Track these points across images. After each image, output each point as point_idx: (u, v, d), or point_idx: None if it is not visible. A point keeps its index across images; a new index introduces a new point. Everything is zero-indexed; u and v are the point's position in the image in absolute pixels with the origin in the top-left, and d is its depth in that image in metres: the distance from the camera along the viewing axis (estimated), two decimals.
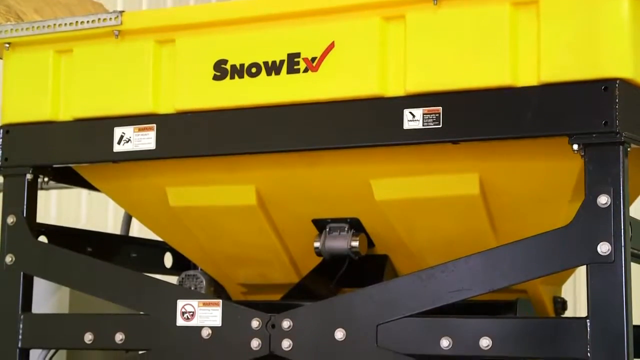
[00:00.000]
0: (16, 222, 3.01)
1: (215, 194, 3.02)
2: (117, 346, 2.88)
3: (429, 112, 2.56)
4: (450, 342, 2.51)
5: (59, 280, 3.07)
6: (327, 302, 2.70)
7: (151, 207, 3.18)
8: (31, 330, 2.98)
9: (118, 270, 2.97)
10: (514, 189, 2.73)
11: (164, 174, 3.04)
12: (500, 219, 2.84)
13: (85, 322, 2.95)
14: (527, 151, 2.60)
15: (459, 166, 2.71)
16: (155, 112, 2.89)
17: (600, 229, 2.37)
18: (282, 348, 2.69)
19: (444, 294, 2.53)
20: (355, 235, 3.01)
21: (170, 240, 3.43)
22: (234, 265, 3.36)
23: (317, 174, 2.88)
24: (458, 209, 2.81)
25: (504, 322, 2.51)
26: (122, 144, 2.91)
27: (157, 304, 2.85)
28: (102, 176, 3.15)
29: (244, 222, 3.08)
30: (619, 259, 2.34)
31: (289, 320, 2.69)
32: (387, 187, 2.83)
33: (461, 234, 2.90)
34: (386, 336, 2.57)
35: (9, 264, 3.00)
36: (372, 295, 2.62)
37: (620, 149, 2.38)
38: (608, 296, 2.34)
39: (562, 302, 3.32)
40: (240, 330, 2.74)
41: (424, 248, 3.02)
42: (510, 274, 2.48)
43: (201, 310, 2.79)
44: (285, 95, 2.73)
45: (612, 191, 2.37)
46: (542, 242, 2.44)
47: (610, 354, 2.32)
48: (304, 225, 3.07)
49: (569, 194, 2.67)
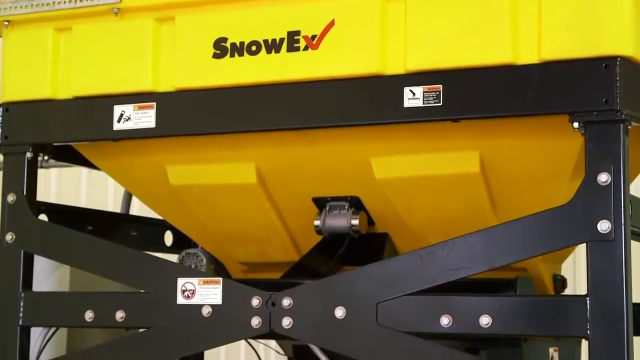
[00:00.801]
0: (16, 200, 3.01)
1: (216, 172, 3.02)
2: (117, 324, 2.89)
3: (429, 90, 2.56)
4: (450, 320, 2.52)
5: (59, 258, 3.08)
6: (327, 280, 2.71)
7: (151, 186, 3.18)
8: (32, 308, 2.98)
9: (118, 249, 2.97)
10: (514, 167, 2.73)
11: (164, 152, 3.04)
12: (500, 197, 2.84)
13: (85, 300, 2.96)
14: (527, 129, 2.60)
15: (459, 144, 2.71)
16: (155, 90, 2.89)
17: (600, 207, 2.37)
18: (283, 326, 2.69)
19: (444, 272, 2.54)
20: (356, 214, 3.01)
21: (171, 218, 3.43)
22: (235, 244, 3.37)
23: (317, 152, 2.88)
24: (458, 187, 2.81)
25: (504, 300, 2.52)
26: (122, 122, 2.91)
27: (157, 282, 2.86)
28: (102, 154, 3.15)
29: (244, 200, 3.08)
30: (618, 237, 2.35)
31: (289, 299, 2.69)
32: (387, 165, 2.83)
33: (461, 212, 2.90)
34: (386, 314, 2.58)
35: (9, 242, 3.01)
36: (372, 273, 2.62)
37: (621, 126, 2.38)
38: (608, 274, 2.34)
39: (561, 280, 3.33)
40: (240, 309, 2.74)
41: (424, 226, 3.03)
42: (510, 252, 2.48)
43: (201, 289, 2.79)
44: (285, 74, 2.73)
45: (612, 169, 2.37)
46: (542, 220, 2.44)
47: (610, 332, 2.33)
48: (304, 204, 3.07)
49: (569, 172, 2.67)
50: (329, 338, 2.66)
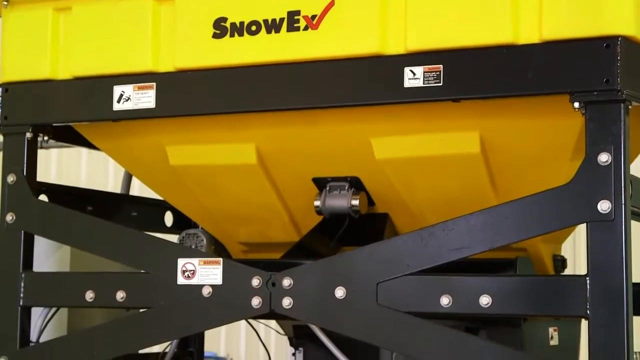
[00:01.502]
0: (16, 180, 3.01)
1: (216, 152, 3.02)
2: (117, 304, 2.89)
3: (430, 70, 2.55)
4: (450, 300, 2.52)
5: (59, 238, 3.08)
6: (328, 261, 2.71)
7: (151, 166, 3.18)
8: (32, 289, 2.99)
9: (119, 229, 2.98)
10: (515, 147, 2.73)
11: (164, 133, 3.03)
12: (500, 178, 2.84)
13: (86, 280, 2.96)
14: (528, 109, 2.59)
15: (459, 124, 2.70)
16: (155, 70, 2.88)
17: (600, 187, 2.37)
18: (283, 306, 2.70)
19: (444, 252, 2.54)
20: (356, 194, 3.01)
21: (171, 199, 3.43)
22: (235, 224, 3.37)
23: (317, 132, 2.87)
24: (458, 168, 2.81)
25: (504, 280, 2.52)
26: (121, 102, 2.90)
27: (157, 262, 2.86)
28: (102, 135, 3.14)
29: (244, 180, 3.08)
30: (619, 217, 2.35)
31: (289, 279, 2.70)
32: (388, 145, 2.83)
33: (461, 193, 2.90)
34: (386, 294, 2.58)
35: (9, 222, 3.01)
36: (373, 253, 2.63)
37: (622, 106, 2.38)
38: (608, 254, 2.34)
39: (561, 260, 3.33)
40: (240, 289, 2.74)
41: (424, 206, 3.03)
42: (510, 232, 2.48)
43: (202, 269, 2.80)
44: (285, 54, 2.72)
45: (612, 149, 2.37)
46: (543, 200, 2.44)
47: (610, 312, 2.33)
48: (304, 184, 3.07)
49: (569, 152, 2.66)
50: (329, 318, 2.67)
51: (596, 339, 2.34)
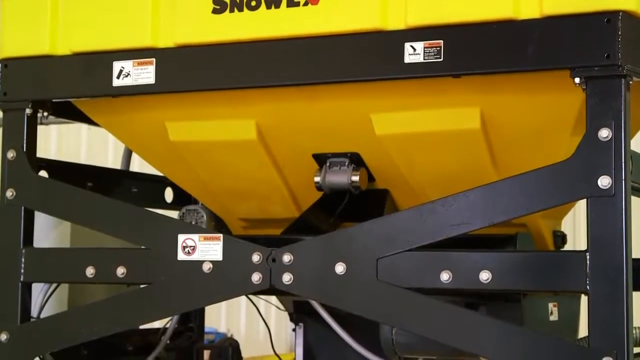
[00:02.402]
0: (16, 156, 3.01)
1: (216, 128, 3.02)
2: (118, 280, 2.90)
3: (430, 45, 2.55)
4: (450, 276, 2.52)
5: (59, 214, 3.08)
6: (328, 237, 2.71)
7: (151, 142, 3.18)
8: (33, 265, 2.99)
9: (119, 205, 2.98)
10: (515, 123, 2.72)
11: (163, 109, 3.03)
12: (501, 153, 2.84)
13: (86, 256, 2.96)
14: (528, 85, 2.59)
15: (460, 100, 2.70)
16: (155, 46, 2.87)
17: (600, 163, 2.36)
18: (283, 282, 2.70)
19: (444, 227, 2.54)
20: (356, 170, 3.01)
21: (171, 175, 3.43)
22: (235, 200, 3.37)
23: (317, 108, 2.87)
24: (459, 143, 2.81)
25: (504, 255, 2.52)
26: (121, 78, 2.90)
27: (158, 238, 2.86)
28: (101, 111, 3.14)
29: (244, 156, 3.08)
30: (619, 193, 2.34)
31: (289, 255, 2.70)
32: (388, 121, 2.82)
33: (462, 168, 2.90)
34: (386, 270, 2.59)
35: (9, 198, 3.01)
36: (373, 229, 2.63)
37: (622, 82, 2.37)
38: (608, 229, 2.34)
39: (561, 236, 3.33)
40: (241, 265, 2.75)
41: (425, 182, 3.03)
42: (510, 207, 2.48)
43: (202, 245, 2.80)
44: (285, 29, 2.71)
45: (613, 124, 2.36)
46: (543, 175, 2.44)
47: (610, 287, 2.34)
48: (304, 160, 3.07)
49: (570, 127, 2.66)
50: (329, 294, 2.67)
51: (596, 315, 2.35)
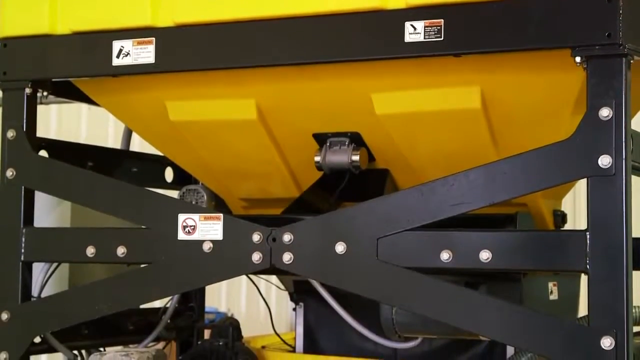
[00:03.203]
0: (16, 136, 3.01)
1: (216, 108, 3.01)
2: (118, 260, 2.90)
3: (431, 24, 2.54)
4: (450, 255, 2.52)
5: (60, 194, 3.08)
6: (328, 216, 2.71)
7: (151, 122, 3.17)
8: (33, 244, 3.00)
9: (119, 185, 2.98)
10: (516, 102, 2.72)
11: (163, 88, 3.02)
12: (501, 133, 2.84)
13: (86, 236, 2.97)
14: (529, 64, 2.58)
15: (460, 79, 2.69)
16: (154, 25, 2.87)
17: (601, 142, 2.36)
18: (283, 261, 2.70)
19: (444, 207, 2.54)
20: (356, 150, 3.01)
21: (171, 154, 3.43)
22: (235, 180, 3.37)
23: (317, 87, 2.86)
24: (459, 123, 2.81)
25: (504, 235, 2.52)
26: (121, 57, 2.89)
27: (158, 218, 2.86)
28: (101, 90, 3.13)
29: (245, 136, 3.08)
30: (619, 172, 2.34)
31: (289, 234, 2.70)
32: (388, 100, 2.82)
33: (462, 148, 2.90)
34: (386, 249, 2.59)
35: (9, 178, 3.01)
36: (373, 209, 2.63)
37: (623, 61, 2.36)
38: (608, 209, 2.34)
39: (561, 215, 3.33)
40: (241, 244, 2.75)
41: (425, 162, 3.02)
42: (510, 187, 2.48)
43: (202, 224, 2.80)
44: (286, 8, 2.70)
45: (614, 104, 2.36)
46: (543, 155, 2.44)
47: (610, 266, 2.34)
48: (304, 140, 3.06)
49: (570, 107, 2.66)
50: (330, 273, 2.67)
51: (596, 294, 2.35)
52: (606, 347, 2.33)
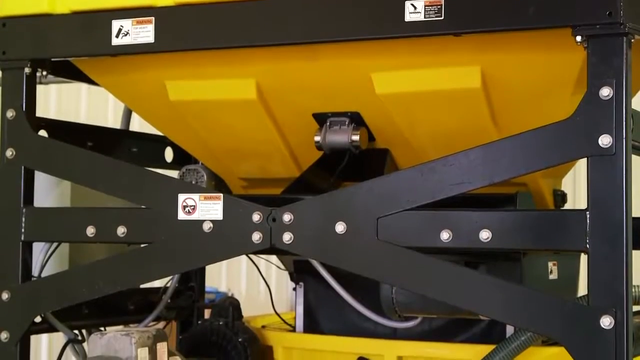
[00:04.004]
0: (15, 116, 3.00)
1: (215, 87, 3.01)
2: (118, 239, 2.90)
3: (431, 3, 2.53)
4: (450, 235, 2.52)
5: (60, 174, 3.08)
6: (328, 196, 2.71)
7: (151, 101, 3.17)
8: (33, 224, 2.99)
9: (119, 164, 2.98)
10: (516, 81, 2.71)
11: (163, 68, 3.02)
12: (501, 113, 2.83)
13: (86, 215, 2.97)
14: (529, 43, 2.58)
15: (460, 59, 2.69)
16: (154, 4, 2.85)
17: (601, 121, 2.36)
18: (283, 241, 2.70)
19: (444, 187, 2.53)
20: (356, 129, 3.01)
21: (171, 134, 3.43)
22: (235, 160, 3.37)
23: (317, 67, 2.86)
24: (459, 103, 2.80)
25: (504, 214, 2.52)
26: (120, 37, 2.88)
27: (158, 198, 2.86)
28: (101, 70, 3.13)
29: (245, 116, 3.08)
30: (620, 151, 2.34)
31: (289, 214, 2.70)
32: (388, 80, 2.81)
33: (462, 128, 2.89)
34: (386, 229, 2.59)
35: (9, 158, 3.00)
36: (373, 188, 2.63)
37: (624, 40, 2.35)
38: (608, 188, 2.34)
39: (561, 195, 3.34)
40: (241, 224, 2.75)
41: (425, 142, 3.02)
42: (510, 167, 2.48)
43: (202, 204, 2.80)
44: None
45: (614, 83, 2.35)
46: (543, 134, 2.43)
47: (610, 246, 2.34)
48: (304, 120, 3.06)
49: (571, 86, 2.65)
50: (329, 253, 2.67)
51: (595, 273, 2.35)
52: (606, 326, 2.33)
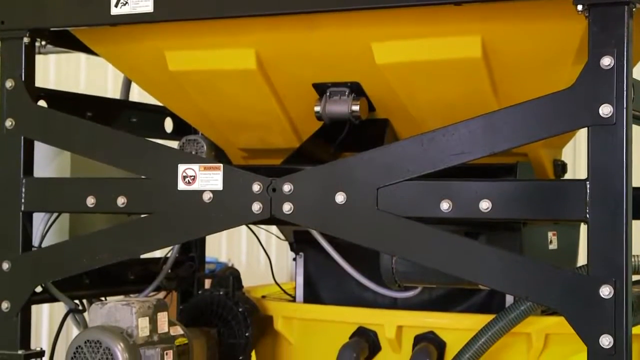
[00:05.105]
0: (15, 86, 3.00)
1: (215, 58, 3.00)
2: (118, 210, 2.90)
3: None
4: (450, 205, 2.52)
5: (59, 144, 3.07)
6: (328, 166, 2.71)
7: (150, 72, 3.16)
8: (33, 194, 3.00)
9: (119, 135, 2.97)
10: (517, 51, 2.70)
11: (162, 38, 3.01)
12: (502, 82, 2.83)
13: (86, 186, 2.97)
14: (530, 12, 2.56)
15: (461, 28, 2.68)
16: None
17: (602, 91, 2.35)
18: (283, 211, 2.70)
19: (444, 157, 2.53)
20: (356, 99, 3.00)
21: (171, 104, 3.42)
22: (235, 130, 3.36)
23: (317, 37, 2.85)
24: (460, 72, 2.79)
25: (504, 184, 2.52)
26: (119, 6, 2.87)
27: (158, 168, 2.86)
28: (100, 40, 3.12)
29: (244, 86, 3.07)
30: (620, 121, 2.33)
31: (289, 184, 2.70)
32: (388, 50, 2.80)
33: (462, 98, 2.89)
34: (386, 199, 2.59)
35: (9, 128, 3.00)
36: (373, 158, 2.62)
37: (625, 9, 2.34)
38: (608, 158, 2.34)
39: (562, 165, 3.33)
40: (241, 194, 2.75)
41: (425, 112, 3.02)
42: (511, 136, 2.47)
43: (202, 175, 2.80)
44: None
45: (615, 52, 2.34)
46: (544, 104, 2.43)
47: (609, 216, 2.34)
48: (304, 90, 3.05)
49: (572, 56, 2.64)
50: (330, 223, 2.68)
51: (595, 243, 2.36)
52: (605, 296, 2.33)
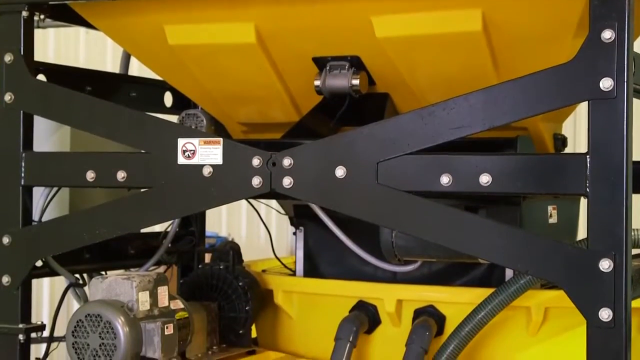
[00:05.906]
0: (14, 60, 2.99)
1: (214, 31, 2.99)
2: (118, 184, 2.90)
3: None
4: (450, 179, 2.52)
5: (59, 118, 3.07)
6: (328, 140, 2.71)
7: (150, 46, 3.15)
8: (33, 168, 2.99)
9: (118, 109, 2.97)
10: (517, 24, 2.69)
11: (162, 11, 2.99)
12: (502, 56, 2.82)
13: (86, 160, 2.96)
14: None
15: (461, 2, 2.67)
16: None
17: (603, 65, 2.34)
18: (283, 185, 2.70)
19: (444, 131, 2.53)
20: (356, 73, 2.99)
21: (170, 79, 3.42)
22: (235, 104, 3.36)
23: (317, 10, 2.84)
24: (460, 46, 2.79)
25: (504, 158, 2.52)
26: None
27: (158, 142, 2.86)
28: (99, 14, 3.10)
29: (244, 60, 3.06)
30: (621, 95, 2.33)
31: (289, 158, 2.70)
32: (388, 23, 2.79)
33: (463, 72, 2.88)
34: (386, 173, 2.59)
35: (8, 102, 2.99)
36: (373, 133, 2.62)
37: None
38: (609, 132, 2.34)
39: (562, 139, 3.33)
40: (241, 169, 2.75)
41: (425, 86, 3.01)
42: (511, 111, 2.47)
43: (202, 149, 2.80)
44: None
45: (616, 26, 2.33)
46: (544, 78, 2.42)
47: (610, 190, 2.34)
48: (304, 64, 3.05)
49: (572, 29, 2.64)
50: (330, 197, 2.68)
51: (595, 217, 2.36)
52: (605, 269, 2.34)
